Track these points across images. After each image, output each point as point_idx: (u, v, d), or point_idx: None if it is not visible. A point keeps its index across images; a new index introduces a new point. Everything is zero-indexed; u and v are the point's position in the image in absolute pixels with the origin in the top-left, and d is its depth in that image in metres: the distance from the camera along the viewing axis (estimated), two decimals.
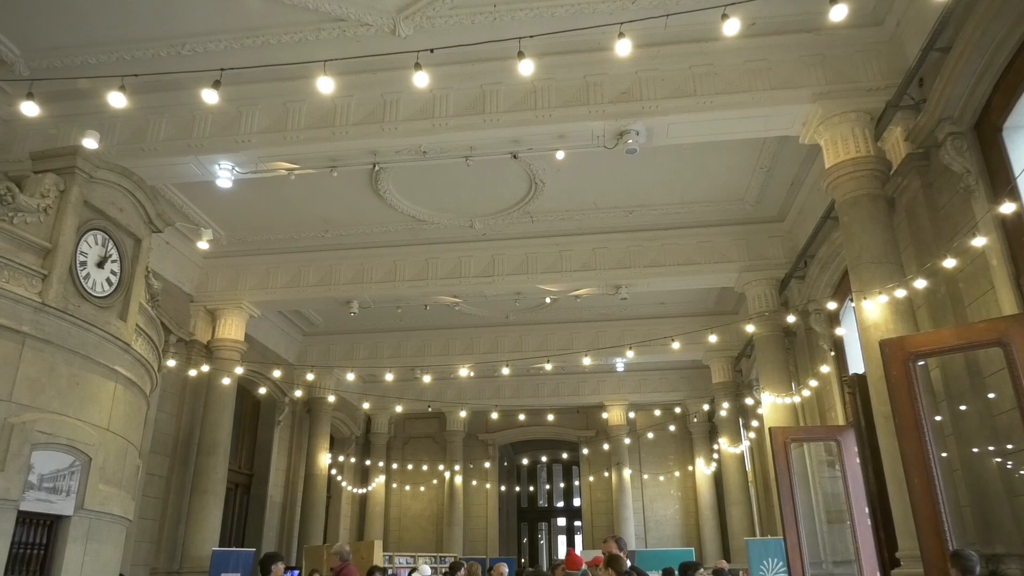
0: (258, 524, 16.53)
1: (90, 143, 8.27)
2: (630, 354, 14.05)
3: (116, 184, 6.80)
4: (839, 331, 11.00)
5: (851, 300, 9.15)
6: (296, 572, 13.78)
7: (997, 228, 6.94)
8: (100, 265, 6.48)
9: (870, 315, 7.94)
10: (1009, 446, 7.21)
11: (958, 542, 6.65)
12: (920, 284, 7.48)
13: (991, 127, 7.22)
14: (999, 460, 7.35)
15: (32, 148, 7.88)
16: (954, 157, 7.31)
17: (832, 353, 11.61)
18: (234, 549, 13.68)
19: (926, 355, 7.31)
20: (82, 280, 6.23)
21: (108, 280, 6.57)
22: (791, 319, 11.85)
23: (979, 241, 6.78)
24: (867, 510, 9.79)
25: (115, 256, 6.68)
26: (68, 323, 6.02)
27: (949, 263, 7.05)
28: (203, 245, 12.41)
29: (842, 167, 8.46)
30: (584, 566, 7.00)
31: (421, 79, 7.67)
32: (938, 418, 7.61)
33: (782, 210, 12.72)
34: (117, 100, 7.75)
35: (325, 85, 7.86)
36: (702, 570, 9.69)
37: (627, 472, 21.42)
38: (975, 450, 7.51)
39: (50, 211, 6.05)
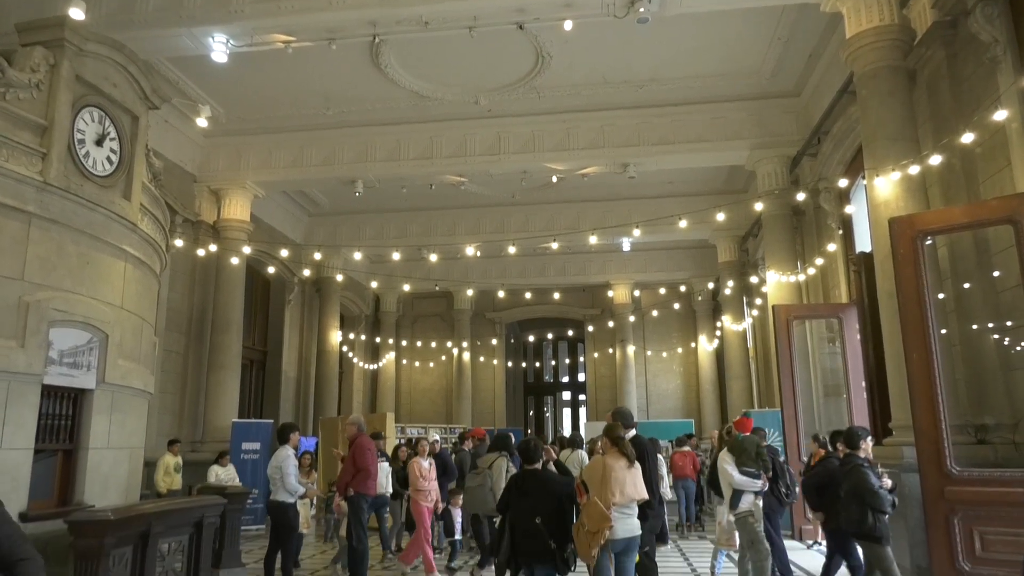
0: (274, 398, 17.20)
1: (76, 13, 7.90)
2: (637, 233, 14.01)
3: (107, 58, 6.57)
4: (848, 209, 10.89)
5: (863, 178, 8.99)
6: (314, 440, 14.45)
7: (1021, 101, 6.69)
8: (99, 143, 6.37)
9: (881, 192, 7.83)
10: (1009, 323, 7.30)
11: (951, 414, 6.88)
12: (935, 160, 7.32)
13: None
14: (997, 336, 7.47)
15: (18, 20, 7.55)
16: (983, 25, 6.95)
17: (840, 232, 11.56)
18: (253, 420, 14.32)
19: (935, 232, 7.27)
20: (82, 158, 6.14)
21: (108, 159, 6.48)
22: (801, 197, 11.71)
23: (1000, 115, 6.57)
24: (864, 384, 10.08)
25: (113, 134, 6.56)
26: (72, 202, 6.00)
27: (967, 138, 6.86)
28: (202, 123, 12.15)
29: (864, 37, 8.07)
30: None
31: None
32: (941, 296, 7.66)
33: (798, 84, 12.29)
34: None
35: None
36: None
37: (631, 349, 21.95)
38: (975, 327, 7.62)
39: (42, 86, 5.88)
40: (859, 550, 6.14)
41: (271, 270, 16.28)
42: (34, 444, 5.57)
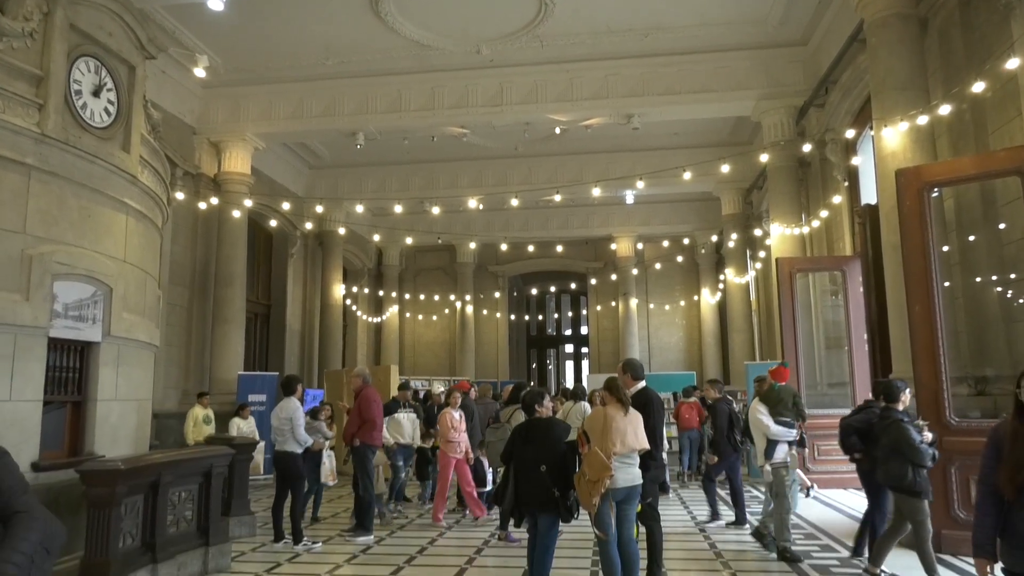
0: (279, 351, 17.34)
1: None
2: (640, 185, 13.90)
3: (102, 6, 6.42)
4: (855, 160, 10.78)
5: (870, 128, 8.88)
6: (321, 392, 14.62)
7: None
8: (96, 94, 6.26)
9: (889, 143, 7.74)
10: (1012, 275, 7.29)
11: (952, 366, 6.92)
12: (944, 110, 7.20)
13: None
14: (1000, 289, 7.47)
15: None
16: None
17: (846, 184, 11.46)
18: (259, 373, 14.47)
19: (942, 184, 7.21)
20: (79, 110, 6.05)
21: (106, 110, 6.39)
22: (807, 148, 11.58)
23: (1013, 63, 6.44)
24: (865, 336, 10.12)
25: (110, 84, 6.45)
26: (72, 155, 5.94)
27: (978, 87, 6.75)
28: (200, 73, 11.96)
29: None
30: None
31: None
32: (946, 248, 7.64)
33: (806, 33, 12.03)
34: None
35: None
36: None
37: (634, 302, 22.00)
38: (978, 279, 7.61)
39: (36, 35, 5.75)
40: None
41: (273, 223, 16.25)
42: (43, 396, 5.64)
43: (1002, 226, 7.35)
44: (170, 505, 5.88)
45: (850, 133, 10.18)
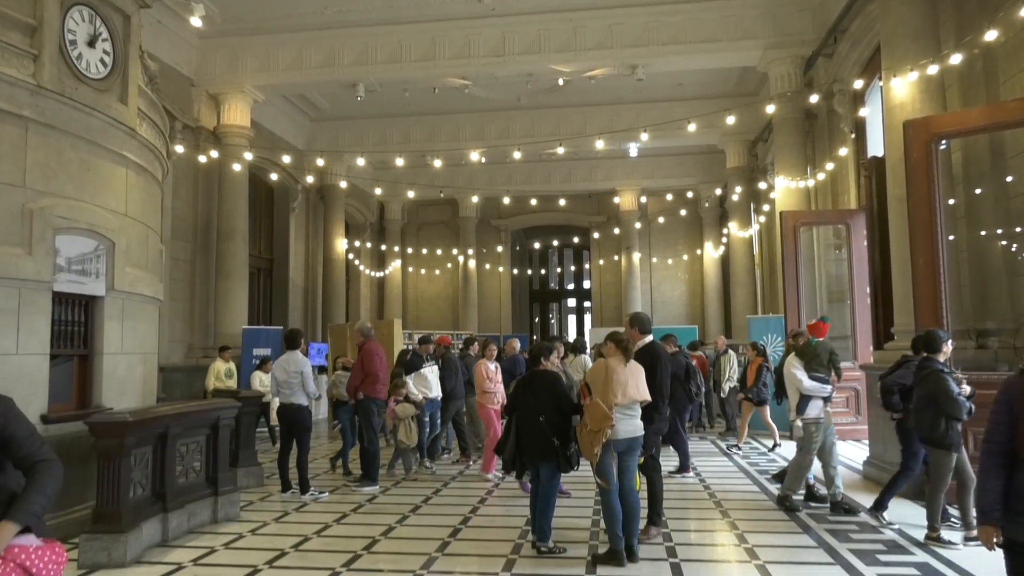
0: (283, 305, 17.40)
1: None
2: (644, 137, 13.73)
3: None
4: (863, 112, 10.61)
5: (879, 79, 8.72)
6: (325, 346, 14.73)
7: None
8: (91, 44, 6.15)
9: (898, 94, 7.61)
10: (1018, 229, 7.24)
11: (954, 319, 6.93)
12: (955, 60, 7.06)
13: None
14: (1005, 243, 7.43)
15: None
16: None
17: (852, 136, 11.31)
18: (263, 327, 14.54)
19: (950, 136, 7.12)
20: (75, 60, 5.95)
21: (102, 60, 6.28)
22: (814, 99, 11.39)
23: None
24: (868, 290, 10.12)
25: (105, 34, 6.33)
26: (69, 107, 5.87)
27: (990, 36, 6.60)
28: (196, 22, 11.71)
29: None
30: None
31: None
32: (952, 201, 7.57)
33: None
34: None
35: None
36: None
37: (636, 256, 21.96)
38: (983, 233, 7.57)
39: None
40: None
41: (274, 177, 16.13)
42: (49, 349, 5.68)
43: (1009, 179, 7.28)
44: (179, 456, 5.98)
45: (858, 84, 10.00)
